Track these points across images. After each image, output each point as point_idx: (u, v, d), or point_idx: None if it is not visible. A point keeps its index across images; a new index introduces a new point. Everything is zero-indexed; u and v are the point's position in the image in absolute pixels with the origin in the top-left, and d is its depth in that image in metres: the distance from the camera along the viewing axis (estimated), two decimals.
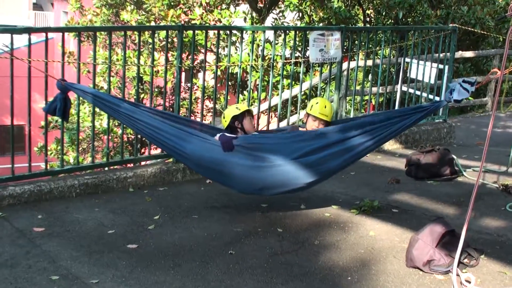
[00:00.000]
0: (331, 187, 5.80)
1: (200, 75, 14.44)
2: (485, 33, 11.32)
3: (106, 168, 5.99)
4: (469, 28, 10.25)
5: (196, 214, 5.02)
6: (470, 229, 3.87)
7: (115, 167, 6.13)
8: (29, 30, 5.13)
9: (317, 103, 5.22)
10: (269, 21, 13.37)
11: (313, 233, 4.65)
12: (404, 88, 8.40)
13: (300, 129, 5.33)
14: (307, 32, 6.68)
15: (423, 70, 7.88)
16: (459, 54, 11.32)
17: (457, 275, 3.81)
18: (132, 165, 6.20)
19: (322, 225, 4.83)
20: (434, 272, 3.95)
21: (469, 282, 3.78)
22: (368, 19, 13.69)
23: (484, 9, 12.40)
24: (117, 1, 13.07)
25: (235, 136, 4.84)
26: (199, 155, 4.67)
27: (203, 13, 11.50)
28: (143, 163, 6.21)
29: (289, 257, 4.20)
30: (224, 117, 5.18)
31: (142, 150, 11.21)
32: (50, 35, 5.30)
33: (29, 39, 5.06)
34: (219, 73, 10.73)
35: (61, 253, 4.14)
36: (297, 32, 6.92)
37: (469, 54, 11.97)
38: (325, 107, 5.18)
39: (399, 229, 4.74)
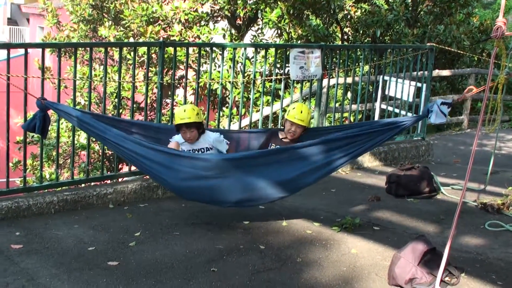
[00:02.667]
0: (312, 204, 5.80)
1: (178, 91, 14.41)
2: (461, 52, 11.50)
3: (83, 185, 5.92)
4: (446, 47, 10.40)
5: (177, 230, 4.98)
6: (450, 247, 3.88)
7: (95, 183, 6.05)
8: (8, 46, 5.10)
9: (293, 108, 5.28)
10: (248, 38, 13.41)
11: (295, 250, 4.63)
12: (383, 106, 8.47)
13: (280, 133, 5.41)
14: (287, 49, 6.72)
15: (401, 88, 7.96)
16: (435, 72, 11.48)
17: None
18: (109, 181, 6.13)
19: (304, 242, 4.82)
20: None
21: None
22: (346, 37, 13.82)
23: (460, 29, 12.61)
24: (94, 17, 13.01)
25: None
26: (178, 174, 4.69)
27: (182, 29, 11.50)
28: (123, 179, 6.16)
29: (271, 274, 4.18)
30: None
31: (120, 166, 11.09)
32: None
33: (8, 55, 5.02)
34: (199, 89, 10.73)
35: (40, 270, 4.07)
36: (277, 49, 6.98)
37: (445, 72, 12.16)
38: (301, 112, 5.23)
39: (380, 247, 4.74)
